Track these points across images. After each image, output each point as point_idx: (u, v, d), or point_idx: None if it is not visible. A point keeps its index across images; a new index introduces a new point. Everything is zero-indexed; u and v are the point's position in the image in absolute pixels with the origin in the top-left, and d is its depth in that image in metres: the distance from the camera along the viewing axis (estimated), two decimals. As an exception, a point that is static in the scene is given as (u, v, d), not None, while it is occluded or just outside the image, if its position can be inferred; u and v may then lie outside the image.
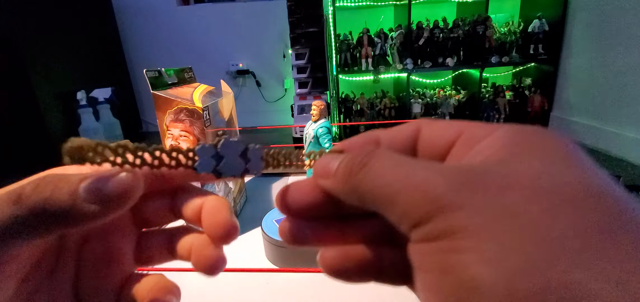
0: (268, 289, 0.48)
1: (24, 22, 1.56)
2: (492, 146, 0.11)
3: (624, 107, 1.35)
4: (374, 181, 0.11)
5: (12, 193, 0.11)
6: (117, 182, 0.12)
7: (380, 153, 0.12)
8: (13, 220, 0.11)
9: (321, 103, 0.59)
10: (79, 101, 1.74)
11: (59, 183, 0.12)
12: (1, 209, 0.11)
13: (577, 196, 0.09)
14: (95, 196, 0.12)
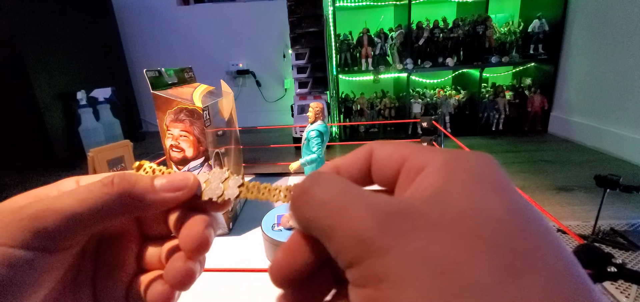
0: (268, 289, 0.48)
1: (24, 22, 1.56)
2: (427, 178, 0.11)
3: (624, 107, 1.35)
4: (314, 209, 0.11)
5: (103, 180, 0.15)
6: (181, 177, 0.16)
7: (322, 178, 0.12)
8: (105, 199, 0.14)
9: (318, 105, 0.57)
10: (79, 101, 1.74)
11: (139, 177, 0.16)
12: (97, 191, 0.14)
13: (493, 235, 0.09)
14: (168, 186, 0.16)
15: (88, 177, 0.18)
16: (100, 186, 0.15)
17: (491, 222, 0.09)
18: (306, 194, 0.12)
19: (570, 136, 1.65)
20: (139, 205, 0.15)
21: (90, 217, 0.14)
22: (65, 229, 0.13)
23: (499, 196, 0.10)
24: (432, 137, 0.96)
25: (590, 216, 0.87)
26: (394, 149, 0.13)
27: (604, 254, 0.35)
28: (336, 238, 0.10)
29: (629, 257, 0.70)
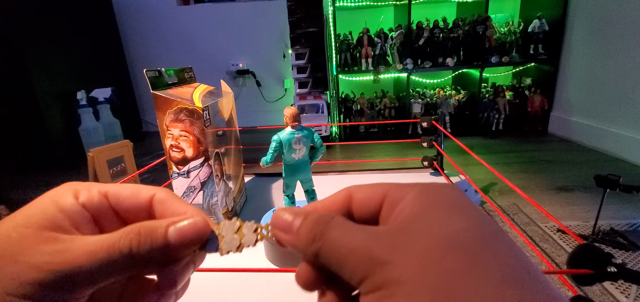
0: (268, 289, 0.48)
1: (24, 22, 1.56)
2: (406, 207, 0.14)
3: (624, 107, 1.35)
4: (331, 245, 0.14)
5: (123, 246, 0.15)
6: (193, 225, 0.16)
7: (334, 222, 0.15)
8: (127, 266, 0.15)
9: (288, 109, 0.55)
10: (79, 101, 1.74)
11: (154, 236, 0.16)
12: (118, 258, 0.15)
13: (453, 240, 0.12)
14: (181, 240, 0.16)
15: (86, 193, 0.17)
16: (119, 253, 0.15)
17: (453, 231, 0.12)
18: (324, 236, 0.14)
19: (570, 136, 1.65)
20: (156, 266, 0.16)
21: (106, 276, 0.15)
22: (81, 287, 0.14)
23: (460, 215, 0.13)
24: (432, 137, 0.96)
25: (590, 216, 0.87)
26: (373, 189, 0.16)
27: (604, 254, 0.35)
28: (348, 264, 0.13)
29: (629, 257, 0.70)
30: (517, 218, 0.87)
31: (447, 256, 0.12)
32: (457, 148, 0.83)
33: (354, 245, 0.13)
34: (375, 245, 0.13)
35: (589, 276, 0.35)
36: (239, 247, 0.17)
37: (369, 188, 0.16)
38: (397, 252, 0.12)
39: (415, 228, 0.13)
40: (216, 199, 0.58)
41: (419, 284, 0.11)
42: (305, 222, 0.15)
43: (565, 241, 0.76)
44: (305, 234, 0.15)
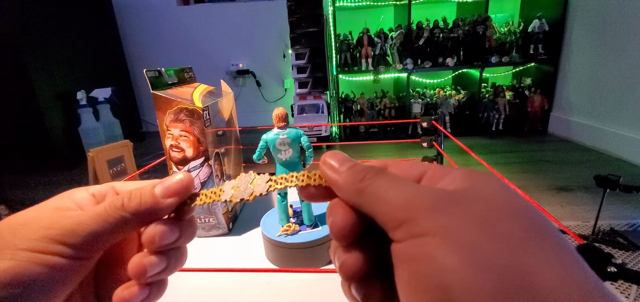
0: (268, 289, 0.48)
1: (24, 22, 1.56)
2: (454, 181, 0.14)
3: (624, 107, 1.35)
4: (375, 190, 0.14)
5: (116, 203, 0.17)
6: (178, 180, 0.18)
7: (385, 172, 0.15)
8: (123, 220, 0.17)
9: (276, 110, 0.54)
10: (79, 101, 1.74)
11: (142, 192, 0.18)
12: (112, 214, 0.17)
13: (519, 211, 0.12)
14: (166, 192, 0.18)
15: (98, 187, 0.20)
16: (113, 209, 0.17)
17: (514, 204, 0.12)
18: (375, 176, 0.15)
19: (570, 136, 1.65)
20: (149, 220, 0.18)
21: (111, 234, 0.17)
22: (91, 244, 0.16)
23: (512, 192, 0.13)
24: (432, 137, 0.96)
25: (590, 216, 0.87)
26: (411, 166, 0.16)
27: (604, 254, 0.35)
28: (390, 207, 0.13)
29: (629, 257, 0.70)
30: (517, 218, 0.87)
31: (511, 222, 0.11)
32: (457, 148, 0.84)
33: (401, 189, 0.13)
34: (429, 193, 0.13)
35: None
36: (251, 194, 0.19)
37: (406, 164, 0.16)
38: (453, 204, 0.12)
39: (470, 194, 0.13)
40: (216, 199, 0.58)
41: (476, 238, 0.11)
42: (355, 166, 0.16)
43: (565, 241, 0.76)
44: (354, 174, 0.15)
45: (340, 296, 0.18)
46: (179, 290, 0.47)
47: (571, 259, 0.11)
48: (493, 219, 0.11)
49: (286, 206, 0.55)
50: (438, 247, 0.11)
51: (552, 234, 0.11)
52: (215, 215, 0.60)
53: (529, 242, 0.11)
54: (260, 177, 0.19)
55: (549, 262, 0.10)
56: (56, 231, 0.16)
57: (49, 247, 0.15)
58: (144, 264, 0.17)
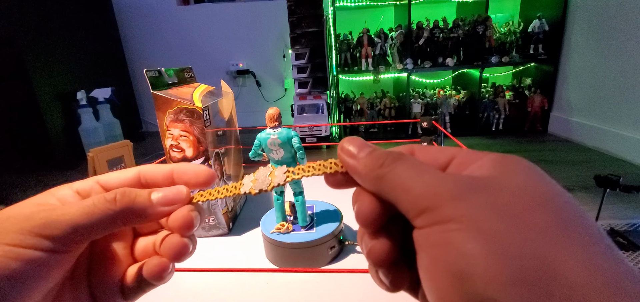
0: (268, 289, 0.48)
1: (24, 22, 1.56)
2: (482, 167, 0.14)
3: (624, 107, 1.35)
4: (396, 175, 0.14)
5: (107, 196, 0.17)
6: (174, 192, 0.18)
7: (405, 157, 0.15)
8: (110, 214, 0.16)
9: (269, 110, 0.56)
10: (79, 101, 1.74)
11: (138, 193, 0.17)
12: (101, 206, 0.16)
13: (547, 200, 0.11)
14: (163, 200, 0.18)
15: (82, 183, 0.19)
16: (103, 202, 0.16)
17: (542, 192, 0.12)
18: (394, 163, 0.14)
19: (570, 136, 1.65)
20: (138, 219, 0.17)
21: (94, 228, 0.16)
22: (71, 236, 0.16)
23: (550, 182, 0.12)
24: (432, 137, 0.96)
25: (590, 215, 0.87)
26: (439, 150, 0.16)
27: (604, 254, 0.35)
28: (413, 190, 0.13)
29: (629, 257, 0.70)
30: (517, 218, 0.87)
31: (536, 212, 0.11)
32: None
33: (423, 176, 0.13)
34: (451, 181, 0.13)
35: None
36: (270, 185, 0.19)
37: (435, 149, 0.16)
38: (473, 194, 0.12)
39: (497, 182, 0.12)
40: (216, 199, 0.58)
41: (498, 227, 0.11)
42: (374, 152, 0.15)
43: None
44: (372, 160, 0.15)
45: (340, 296, 0.18)
46: (179, 290, 0.47)
47: (599, 250, 0.10)
48: (517, 209, 0.11)
49: (282, 204, 0.56)
50: (458, 234, 0.11)
51: (581, 224, 0.11)
52: (215, 215, 0.60)
53: (553, 232, 0.10)
54: (279, 168, 0.20)
55: (573, 253, 0.10)
56: (34, 222, 0.15)
57: (25, 240, 0.15)
58: (193, 217, 0.18)
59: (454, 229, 0.11)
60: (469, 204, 0.12)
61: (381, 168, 0.14)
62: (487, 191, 0.12)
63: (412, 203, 0.13)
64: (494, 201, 0.11)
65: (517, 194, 0.12)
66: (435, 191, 0.12)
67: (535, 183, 0.12)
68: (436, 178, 0.13)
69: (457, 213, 0.12)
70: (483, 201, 0.12)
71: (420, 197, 0.13)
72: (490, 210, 0.11)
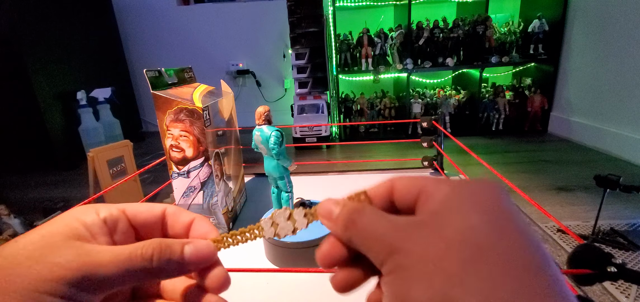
0: (268, 289, 0.48)
1: (24, 22, 1.56)
2: (434, 203, 0.15)
3: (624, 107, 1.35)
4: (360, 232, 0.16)
5: (144, 253, 0.17)
6: (205, 247, 0.19)
7: (365, 212, 0.17)
8: (145, 271, 0.17)
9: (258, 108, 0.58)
10: (79, 101, 1.74)
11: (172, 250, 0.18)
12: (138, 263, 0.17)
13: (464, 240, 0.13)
14: (195, 258, 0.18)
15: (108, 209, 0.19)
16: (141, 259, 0.17)
17: (467, 228, 0.13)
18: (355, 223, 0.17)
19: (570, 136, 1.65)
20: (170, 276, 0.18)
21: (125, 281, 0.16)
22: (102, 288, 0.16)
23: (479, 213, 0.14)
24: (432, 137, 0.96)
25: (590, 216, 0.87)
26: (412, 183, 0.17)
27: (604, 254, 0.35)
28: (373, 248, 0.15)
29: (629, 257, 0.70)
30: (517, 218, 0.87)
31: (450, 252, 0.13)
32: (457, 148, 0.84)
33: (378, 232, 0.15)
34: (394, 234, 0.15)
35: (589, 276, 0.35)
36: (294, 231, 0.20)
37: (409, 181, 0.17)
38: (411, 241, 0.14)
39: (433, 222, 0.14)
40: (216, 199, 0.58)
41: (422, 273, 0.13)
42: (342, 210, 0.17)
43: (565, 241, 0.76)
44: (342, 221, 0.17)
45: (340, 296, 0.19)
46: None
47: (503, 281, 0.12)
48: (439, 253, 0.13)
49: (278, 196, 0.57)
50: (400, 283, 0.14)
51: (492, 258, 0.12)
52: (215, 215, 0.60)
53: (460, 271, 0.12)
54: (296, 211, 0.21)
55: (474, 289, 0.12)
56: (73, 273, 0.15)
57: (66, 291, 0.14)
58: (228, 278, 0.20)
59: (396, 278, 0.14)
60: (406, 254, 0.14)
61: (346, 231, 0.17)
62: (423, 237, 0.14)
63: (374, 257, 0.15)
64: (425, 248, 0.14)
65: (445, 234, 0.13)
66: (387, 242, 0.15)
67: (461, 217, 0.14)
68: (386, 231, 0.15)
69: (400, 263, 0.14)
70: (417, 249, 0.14)
71: (379, 252, 0.15)
72: (420, 258, 0.13)
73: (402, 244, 0.14)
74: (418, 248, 0.14)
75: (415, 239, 0.14)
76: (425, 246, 0.14)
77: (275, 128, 0.57)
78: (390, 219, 0.16)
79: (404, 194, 0.17)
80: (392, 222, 0.15)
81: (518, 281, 0.12)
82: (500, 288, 0.12)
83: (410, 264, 0.14)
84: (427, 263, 0.13)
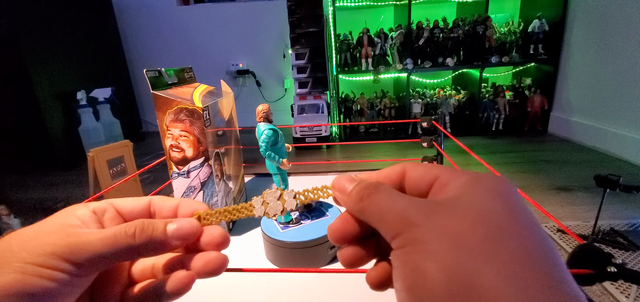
0: (268, 289, 0.48)
1: (24, 22, 1.56)
2: (453, 189, 0.16)
3: (624, 107, 1.35)
4: (374, 205, 0.17)
5: (127, 229, 0.18)
6: (188, 224, 0.20)
7: (381, 188, 0.17)
8: (129, 246, 0.18)
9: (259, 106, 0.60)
10: (79, 101, 1.74)
11: (154, 226, 0.19)
12: (121, 239, 0.18)
13: (488, 220, 0.13)
14: (178, 234, 0.19)
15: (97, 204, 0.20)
16: (124, 235, 0.18)
17: (487, 212, 0.14)
18: (371, 196, 0.17)
19: (570, 136, 1.65)
20: (154, 252, 0.19)
21: (113, 257, 0.18)
22: (92, 263, 0.17)
23: (498, 200, 0.14)
24: (432, 137, 0.96)
25: (590, 216, 0.87)
26: (427, 170, 0.18)
27: (604, 254, 0.35)
28: (386, 219, 0.16)
29: (629, 257, 0.70)
30: (517, 218, 0.87)
31: (471, 230, 0.13)
32: (457, 148, 0.84)
33: (395, 206, 0.16)
34: (413, 209, 0.15)
35: (589, 276, 0.35)
36: (283, 211, 0.21)
37: (423, 168, 0.18)
38: (431, 218, 0.14)
39: (453, 204, 0.15)
40: (216, 199, 0.58)
41: (443, 246, 0.13)
42: (357, 185, 0.18)
43: (565, 240, 0.76)
44: (356, 194, 0.18)
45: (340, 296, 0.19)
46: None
47: (522, 262, 0.12)
48: (460, 230, 0.13)
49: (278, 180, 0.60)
50: (413, 255, 0.14)
51: (512, 240, 0.13)
52: (215, 215, 0.60)
53: (481, 247, 0.12)
54: (287, 192, 0.21)
55: (495, 264, 0.12)
56: (63, 248, 0.17)
57: (51, 262, 0.16)
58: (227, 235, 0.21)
59: (411, 251, 0.14)
60: (424, 229, 0.14)
61: (361, 202, 0.17)
62: (442, 215, 0.14)
63: (387, 229, 0.16)
64: (445, 225, 0.14)
65: (466, 215, 0.14)
66: (403, 216, 0.15)
67: (486, 203, 0.14)
68: (405, 206, 0.15)
69: (417, 237, 0.14)
70: (436, 223, 0.14)
71: (393, 224, 0.15)
72: (439, 233, 0.13)
73: (420, 218, 0.14)
74: (438, 224, 0.14)
75: (434, 215, 0.14)
76: (445, 223, 0.14)
77: (271, 127, 0.57)
78: (406, 197, 0.16)
79: (416, 181, 0.18)
80: (409, 199, 0.16)
81: (537, 265, 0.12)
82: (520, 268, 0.12)
83: (428, 238, 0.14)
84: (446, 238, 0.13)
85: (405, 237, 0.14)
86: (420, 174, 0.18)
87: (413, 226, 0.14)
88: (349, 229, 0.18)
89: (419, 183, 0.18)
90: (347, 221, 0.18)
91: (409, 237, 0.14)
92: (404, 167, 0.19)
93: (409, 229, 0.14)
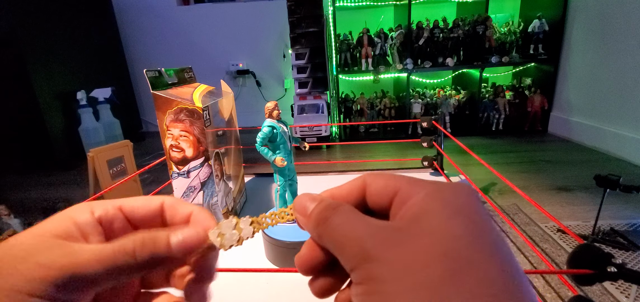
0: (268, 289, 0.48)
1: (24, 22, 1.56)
2: (412, 207, 0.15)
3: (624, 107, 1.35)
4: (331, 231, 0.15)
5: (126, 248, 0.16)
6: (194, 236, 0.18)
7: (339, 210, 0.16)
8: (130, 267, 0.16)
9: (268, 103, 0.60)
10: (79, 101, 1.74)
11: (156, 242, 0.17)
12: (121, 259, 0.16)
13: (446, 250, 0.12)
14: (182, 248, 0.17)
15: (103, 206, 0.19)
16: (123, 255, 0.16)
17: (448, 238, 0.13)
18: (327, 220, 0.16)
19: (570, 136, 1.65)
20: (160, 268, 0.18)
21: (112, 280, 0.16)
22: (88, 287, 0.15)
23: (459, 218, 0.13)
24: (432, 137, 0.96)
25: (590, 216, 0.87)
26: (386, 182, 0.16)
27: (604, 254, 0.35)
28: (345, 251, 0.14)
29: (629, 257, 0.70)
30: (517, 218, 0.87)
31: (431, 264, 0.12)
32: (457, 148, 0.84)
33: (352, 234, 0.14)
34: (370, 239, 0.14)
35: (589, 276, 0.35)
36: (239, 241, 0.19)
37: (384, 179, 0.17)
38: (388, 250, 0.13)
39: (413, 230, 0.13)
40: (216, 199, 0.58)
41: (401, 287, 0.12)
42: (317, 206, 0.17)
43: (565, 240, 0.76)
44: (315, 217, 0.16)
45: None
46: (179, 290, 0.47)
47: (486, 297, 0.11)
48: (419, 266, 0.12)
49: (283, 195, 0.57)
50: (373, 297, 0.13)
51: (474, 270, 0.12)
52: (215, 215, 0.60)
53: (442, 287, 0.12)
54: (243, 221, 0.20)
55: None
56: (56, 272, 0.15)
57: (46, 291, 0.14)
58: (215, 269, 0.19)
59: (369, 291, 0.13)
60: (382, 265, 0.13)
61: (318, 227, 0.16)
62: (401, 245, 0.13)
63: (345, 260, 0.14)
64: (404, 259, 0.13)
65: (425, 244, 0.13)
66: (361, 247, 0.14)
67: (446, 225, 0.13)
68: (362, 235, 0.14)
69: (375, 273, 0.13)
70: (396, 257, 0.13)
71: (350, 256, 0.14)
72: (398, 270, 0.13)
73: (378, 252, 0.13)
74: (396, 258, 0.13)
75: (393, 248, 0.13)
76: (404, 256, 0.13)
77: (269, 123, 0.57)
78: (366, 221, 0.15)
79: (378, 195, 0.17)
80: (369, 225, 0.14)
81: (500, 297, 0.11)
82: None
83: (387, 276, 0.13)
84: (406, 276, 0.12)
85: (363, 273, 0.13)
86: (381, 187, 0.17)
87: (371, 261, 0.13)
88: (317, 257, 0.17)
89: (381, 196, 0.16)
90: (313, 248, 0.17)
91: (367, 273, 0.13)
92: (364, 179, 0.17)
93: (367, 263, 0.13)
